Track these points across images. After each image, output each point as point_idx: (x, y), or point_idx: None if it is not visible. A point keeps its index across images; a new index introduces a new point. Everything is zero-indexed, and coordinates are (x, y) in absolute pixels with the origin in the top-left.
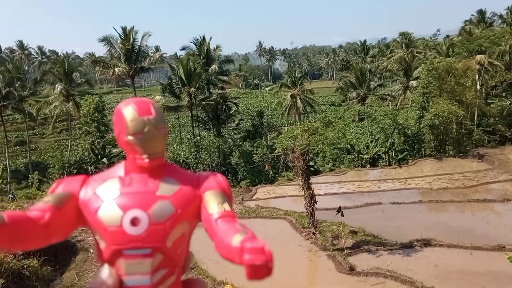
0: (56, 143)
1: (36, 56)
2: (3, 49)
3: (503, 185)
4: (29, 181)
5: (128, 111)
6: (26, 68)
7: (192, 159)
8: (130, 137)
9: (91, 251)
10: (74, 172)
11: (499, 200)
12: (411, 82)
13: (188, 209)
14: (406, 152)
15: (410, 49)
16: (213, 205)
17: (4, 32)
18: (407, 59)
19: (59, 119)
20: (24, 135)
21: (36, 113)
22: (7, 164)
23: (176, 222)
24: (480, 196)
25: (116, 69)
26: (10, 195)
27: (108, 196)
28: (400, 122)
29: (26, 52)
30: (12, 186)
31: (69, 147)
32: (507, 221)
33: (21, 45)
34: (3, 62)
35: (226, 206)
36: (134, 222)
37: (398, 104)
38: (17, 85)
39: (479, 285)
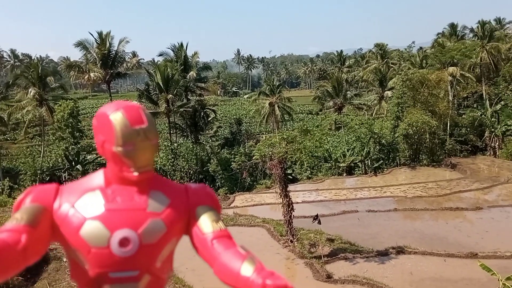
0: (28, 149)
1: (9, 59)
2: None
3: (475, 193)
4: (0, 187)
5: (117, 118)
6: None
7: (169, 166)
8: (118, 148)
9: (64, 260)
10: (47, 179)
11: (471, 208)
12: (386, 92)
13: (177, 226)
14: (382, 161)
15: (385, 60)
16: (207, 223)
17: None
18: (382, 69)
19: (32, 124)
20: None
21: (8, 118)
22: None
23: (167, 241)
24: (453, 204)
25: (92, 74)
26: None
27: (90, 213)
28: (376, 131)
29: None
30: None
31: (41, 153)
32: (479, 229)
33: None
34: None
35: (221, 224)
36: (123, 243)
37: (374, 114)
38: None
39: None
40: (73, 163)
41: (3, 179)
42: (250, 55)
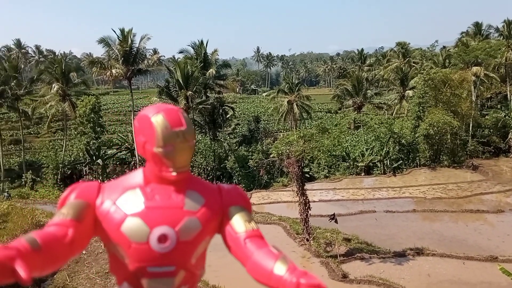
0: (50, 143)
1: (33, 55)
2: (0, 47)
3: (497, 196)
4: (23, 180)
5: (159, 120)
6: (23, 66)
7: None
8: (159, 149)
9: (83, 252)
10: (68, 172)
11: (492, 211)
12: (407, 91)
13: (212, 225)
14: (401, 161)
15: (407, 59)
16: (239, 223)
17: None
18: (403, 68)
19: (55, 119)
20: (18, 134)
21: (32, 112)
22: (1, 162)
23: (201, 238)
24: (473, 207)
25: (114, 70)
26: (6, 194)
27: (131, 210)
28: (396, 131)
29: (24, 50)
30: (5, 185)
31: (63, 147)
32: (500, 232)
33: (18, 43)
34: None
35: (254, 224)
36: (162, 239)
37: (394, 113)
38: (12, 83)
39: None
40: (94, 157)
41: (26, 172)
42: (269, 52)
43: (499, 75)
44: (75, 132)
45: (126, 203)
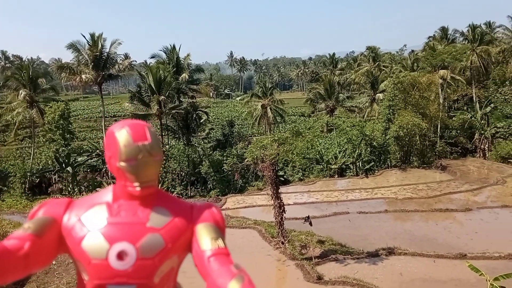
0: (18, 151)
1: None
2: None
3: (465, 195)
4: None
5: (121, 135)
6: None
7: (161, 168)
8: (122, 163)
9: (54, 262)
10: (37, 181)
11: (460, 209)
12: (377, 94)
13: (178, 243)
14: (373, 163)
15: (377, 63)
16: (206, 240)
17: None
18: (374, 72)
19: (22, 126)
20: None
21: None
22: None
23: (165, 257)
24: (443, 206)
25: (83, 76)
26: None
27: (94, 226)
28: (367, 133)
29: None
30: None
31: (31, 155)
32: (468, 230)
33: None
34: None
35: (220, 242)
36: (120, 256)
37: (365, 116)
38: None
39: None
40: (64, 165)
41: None
42: (243, 57)
43: (465, 77)
44: (44, 139)
45: (90, 219)
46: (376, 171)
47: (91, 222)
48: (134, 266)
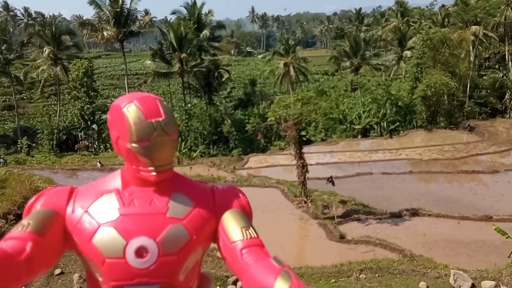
0: (44, 108)
1: (22, 18)
2: None
3: (492, 157)
4: (18, 146)
5: (131, 111)
6: (12, 30)
7: (183, 127)
8: (133, 145)
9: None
10: (64, 138)
11: (487, 171)
12: (405, 52)
13: (203, 233)
14: (398, 123)
15: (405, 19)
16: (235, 230)
17: None
18: (402, 28)
19: (47, 83)
20: (11, 100)
21: (24, 77)
22: None
23: (191, 250)
24: (469, 168)
25: (105, 33)
26: (1, 160)
27: (105, 218)
28: (393, 92)
29: (12, 13)
30: (0, 151)
31: (57, 113)
32: (494, 192)
33: (6, 6)
34: None
35: (252, 232)
36: (140, 253)
37: (392, 75)
38: (3, 47)
39: (465, 253)
40: (89, 122)
41: (21, 137)
42: (264, 13)
43: (498, 34)
44: (69, 97)
45: (100, 210)
46: (401, 131)
47: (101, 214)
48: (157, 263)
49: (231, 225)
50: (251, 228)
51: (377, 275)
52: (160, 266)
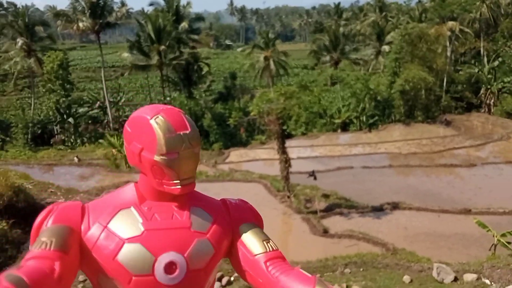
0: (18, 101)
1: None
2: None
3: (468, 150)
4: None
5: (160, 122)
6: None
7: None
8: (161, 157)
9: None
10: (39, 132)
11: (464, 165)
12: (383, 47)
13: (223, 247)
14: (377, 117)
15: (383, 13)
16: (257, 244)
17: None
18: (380, 23)
19: (21, 75)
20: None
21: None
22: None
23: (215, 264)
24: (446, 161)
25: (81, 24)
26: None
27: (128, 234)
28: (372, 87)
29: None
30: None
31: (32, 106)
32: (471, 186)
33: None
34: None
35: (273, 244)
36: (169, 268)
37: (370, 69)
38: None
39: (445, 246)
40: (65, 116)
41: None
42: (243, 5)
43: (473, 30)
44: (43, 90)
45: (121, 226)
46: (380, 125)
47: (123, 230)
48: (185, 279)
49: (251, 239)
50: (271, 241)
51: (361, 269)
52: (187, 282)
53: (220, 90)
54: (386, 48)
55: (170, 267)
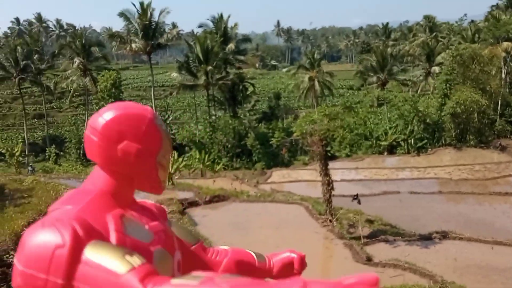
0: (73, 118)
1: (54, 29)
2: (21, 21)
3: None
4: (46, 154)
5: (162, 124)
6: (44, 41)
7: (207, 139)
8: (163, 159)
9: None
10: None
11: None
12: (433, 68)
13: None
14: (426, 140)
15: (434, 34)
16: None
17: (23, 4)
18: (430, 43)
19: (76, 93)
20: (42, 109)
21: (54, 87)
22: (25, 136)
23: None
24: (501, 189)
25: (133, 45)
26: (30, 168)
27: (146, 239)
28: (421, 109)
29: (44, 25)
30: (30, 159)
31: (85, 122)
32: None
33: (39, 17)
34: (21, 35)
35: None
36: (179, 266)
37: (419, 91)
38: (35, 57)
39: (499, 281)
40: None
41: (49, 146)
42: (290, 26)
43: None
44: (97, 107)
45: (137, 231)
46: (429, 149)
47: (142, 235)
48: (183, 274)
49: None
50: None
51: None
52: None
53: (264, 110)
54: (436, 69)
55: (179, 265)
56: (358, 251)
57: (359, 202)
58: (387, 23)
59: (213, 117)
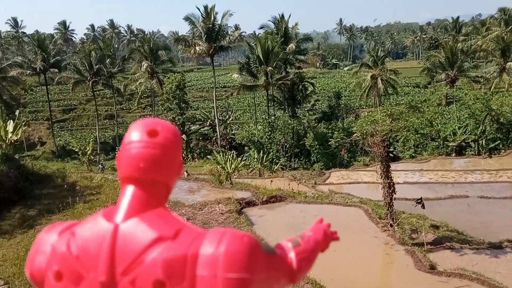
0: (141, 118)
1: (125, 34)
2: (96, 27)
3: None
4: (116, 153)
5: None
6: (116, 46)
7: (266, 139)
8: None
9: None
10: None
11: None
12: (508, 63)
13: None
14: (499, 141)
15: (509, 27)
16: None
17: (97, 12)
18: (505, 38)
19: (144, 95)
20: (112, 109)
21: (124, 89)
22: (97, 136)
23: None
24: None
25: (197, 48)
26: (100, 166)
27: None
28: (494, 107)
29: (116, 30)
30: (100, 157)
31: None
32: None
33: (112, 24)
34: (95, 40)
35: None
36: None
37: (492, 88)
38: (107, 62)
39: None
40: None
41: (119, 145)
42: (352, 24)
43: None
44: (162, 108)
45: None
46: (503, 150)
47: None
48: None
49: None
50: None
51: None
52: None
53: (324, 109)
54: (511, 64)
55: None
56: (421, 259)
57: (423, 206)
58: (458, 17)
59: (272, 117)
